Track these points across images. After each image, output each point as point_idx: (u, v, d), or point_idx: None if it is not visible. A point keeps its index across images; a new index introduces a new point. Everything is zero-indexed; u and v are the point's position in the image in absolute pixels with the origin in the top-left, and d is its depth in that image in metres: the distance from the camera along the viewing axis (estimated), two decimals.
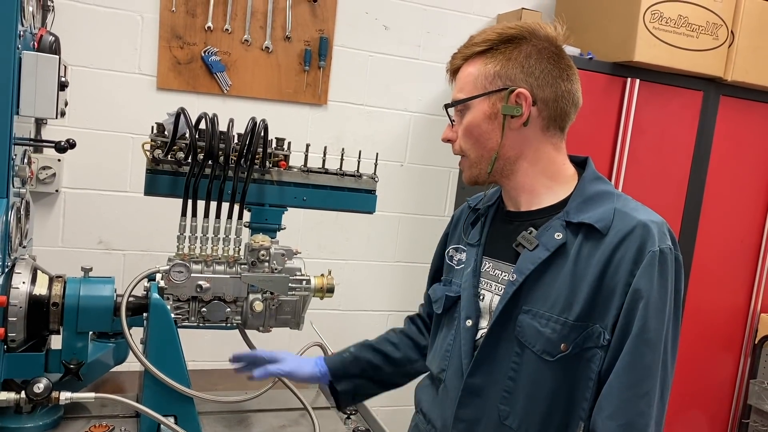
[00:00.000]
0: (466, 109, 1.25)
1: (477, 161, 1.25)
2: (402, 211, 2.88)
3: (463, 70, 1.26)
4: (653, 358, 1.10)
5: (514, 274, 1.20)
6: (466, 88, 1.24)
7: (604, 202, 1.19)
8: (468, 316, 1.26)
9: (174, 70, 2.47)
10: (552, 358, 1.15)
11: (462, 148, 1.27)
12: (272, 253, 1.53)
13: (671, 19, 2.45)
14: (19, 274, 1.37)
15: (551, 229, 1.19)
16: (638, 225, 1.13)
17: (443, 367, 1.31)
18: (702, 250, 2.70)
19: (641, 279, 1.10)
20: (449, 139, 1.30)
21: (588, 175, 1.25)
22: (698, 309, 2.71)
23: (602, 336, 1.12)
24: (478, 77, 1.22)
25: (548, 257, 1.17)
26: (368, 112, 2.76)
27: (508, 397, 1.19)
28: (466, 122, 1.25)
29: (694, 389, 2.82)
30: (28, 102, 1.29)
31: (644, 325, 1.09)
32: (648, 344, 1.09)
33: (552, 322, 1.15)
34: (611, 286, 1.12)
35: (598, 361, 1.13)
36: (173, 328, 1.44)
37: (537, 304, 1.17)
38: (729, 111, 2.68)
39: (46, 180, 2.35)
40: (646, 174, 2.57)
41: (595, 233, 1.15)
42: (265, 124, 1.52)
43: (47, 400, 1.36)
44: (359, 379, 1.52)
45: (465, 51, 1.26)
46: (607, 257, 1.13)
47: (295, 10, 2.57)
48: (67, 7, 2.32)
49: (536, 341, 1.16)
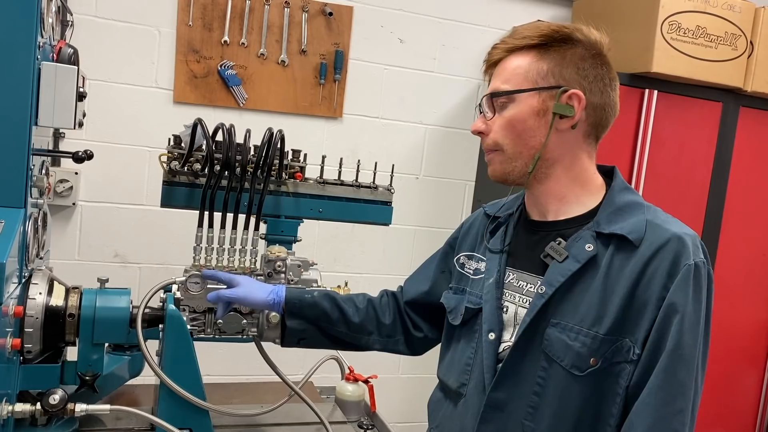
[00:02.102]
0: (510, 101, 1.19)
1: (513, 157, 1.20)
2: (417, 224, 2.86)
3: (510, 62, 1.20)
4: (687, 375, 1.07)
5: (543, 286, 1.16)
6: (513, 80, 1.19)
7: (635, 213, 1.17)
8: (491, 329, 1.22)
9: (190, 84, 2.48)
10: (581, 373, 1.11)
11: (498, 142, 1.21)
12: (288, 264, 1.52)
13: (689, 30, 2.43)
14: (36, 285, 1.36)
15: (581, 240, 1.16)
16: (672, 237, 1.10)
17: (463, 381, 1.27)
18: (723, 263, 2.66)
19: (676, 293, 1.07)
20: (480, 131, 1.23)
21: (617, 185, 1.23)
22: (720, 324, 2.64)
23: (632, 350, 1.09)
24: (529, 71, 1.18)
25: (578, 269, 1.14)
26: (383, 125, 2.76)
27: (533, 413, 1.15)
28: (509, 115, 1.19)
29: (717, 406, 2.76)
30: (46, 112, 1.29)
31: (679, 341, 1.06)
32: (682, 360, 1.06)
33: (582, 336, 1.11)
34: (643, 299, 1.09)
35: (626, 376, 1.10)
36: (189, 339, 1.43)
37: (566, 317, 1.14)
38: (749, 122, 2.65)
39: (63, 193, 2.37)
40: (665, 187, 2.54)
41: (626, 245, 1.13)
42: (281, 135, 1.51)
43: (63, 411, 1.35)
44: (310, 325, 1.44)
45: (513, 42, 1.20)
46: (640, 270, 1.10)
47: (311, 24, 2.58)
48: (86, 22, 2.34)
49: (565, 355, 1.12)
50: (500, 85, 1.20)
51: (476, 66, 2.86)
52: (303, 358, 2.11)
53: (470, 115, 2.84)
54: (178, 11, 2.44)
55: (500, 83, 1.20)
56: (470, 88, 2.84)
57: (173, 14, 2.45)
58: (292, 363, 1.76)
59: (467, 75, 2.83)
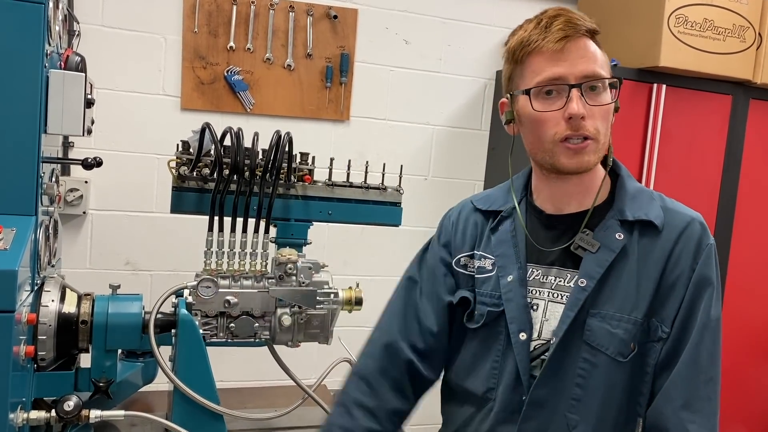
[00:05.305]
0: (604, 88, 1.14)
1: (602, 148, 1.17)
2: (427, 226, 2.83)
3: (590, 45, 1.14)
4: (714, 345, 1.13)
5: (583, 279, 1.16)
6: (605, 68, 1.15)
7: (647, 199, 1.21)
8: (521, 329, 1.19)
9: (197, 90, 2.49)
10: (625, 359, 1.14)
11: (599, 130, 1.13)
12: (299, 267, 1.52)
13: (696, 23, 2.41)
14: (48, 293, 1.37)
15: (609, 230, 1.17)
16: (692, 221, 1.17)
17: (491, 386, 1.22)
18: (737, 257, 2.63)
19: (703, 269, 1.14)
20: (582, 115, 1.11)
21: (624, 173, 1.25)
22: (734, 319, 2.63)
23: (659, 329, 1.14)
24: (605, 60, 1.16)
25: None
26: (391, 127, 2.75)
27: (576, 405, 1.15)
28: (606, 103, 1.14)
29: (735, 403, 2.73)
30: (55, 120, 1.30)
31: (708, 314, 1.12)
32: (712, 332, 1.13)
33: (624, 323, 1.14)
34: (671, 280, 1.14)
35: (655, 355, 1.14)
36: (202, 343, 1.43)
37: (605, 306, 1.15)
38: (759, 114, 2.62)
39: (73, 202, 2.37)
40: (676, 181, 2.52)
41: (650, 230, 1.17)
42: (289, 137, 1.51)
43: (77, 418, 1.35)
44: None
45: (588, 24, 1.13)
46: (668, 252, 1.15)
47: (316, 28, 2.58)
48: (93, 31, 2.35)
49: (609, 344, 1.14)
50: (599, 70, 1.13)
51: (482, 65, 2.86)
52: (316, 361, 2.11)
53: (478, 115, 2.83)
54: (183, 18, 2.45)
55: (597, 67, 1.13)
56: (477, 88, 2.83)
57: (179, 21, 2.46)
58: (305, 366, 1.76)
59: (474, 75, 2.82)
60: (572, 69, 1.12)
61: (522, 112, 1.18)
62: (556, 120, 1.13)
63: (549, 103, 1.13)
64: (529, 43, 1.14)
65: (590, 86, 1.12)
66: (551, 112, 1.13)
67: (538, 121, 1.15)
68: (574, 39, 1.12)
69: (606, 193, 1.22)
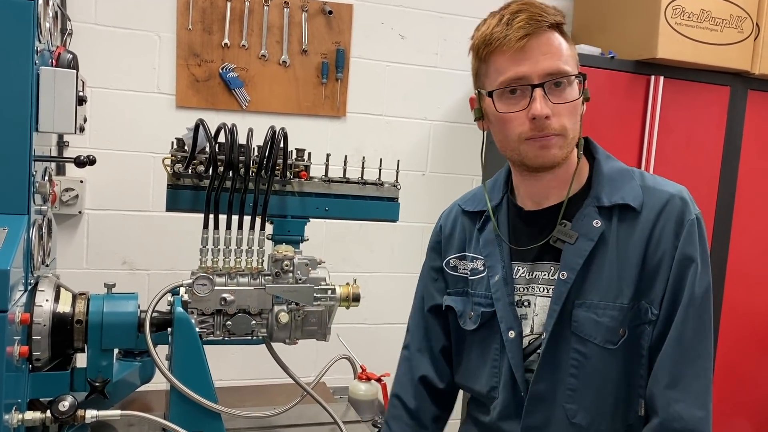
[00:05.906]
0: (569, 84, 1.13)
1: (571, 142, 1.16)
2: (425, 221, 2.83)
3: (555, 39, 1.12)
4: (702, 322, 1.12)
5: (564, 272, 1.16)
6: (570, 63, 1.13)
7: (626, 180, 1.19)
8: (510, 327, 1.21)
9: (192, 88, 2.47)
10: (614, 346, 1.14)
11: (566, 126, 1.13)
12: (296, 263, 1.51)
13: (694, 14, 2.40)
14: (42, 292, 1.35)
15: (587, 218, 1.17)
16: (671, 198, 1.15)
17: (493, 384, 1.26)
18: (736, 249, 2.62)
19: (686, 247, 1.12)
20: (546, 115, 1.10)
21: (602, 156, 1.24)
22: (735, 310, 2.62)
23: (649, 311, 1.13)
24: (571, 54, 1.15)
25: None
26: (387, 122, 2.74)
27: (573, 395, 1.16)
28: (572, 98, 1.13)
29: (736, 395, 2.72)
30: (47, 117, 1.28)
31: (694, 291, 1.11)
32: (699, 308, 1.11)
33: (609, 310, 1.14)
34: (654, 261, 1.13)
35: (647, 337, 1.14)
36: (198, 341, 1.41)
37: (589, 296, 1.15)
38: (758, 105, 2.62)
39: (69, 202, 2.36)
40: (675, 173, 2.46)
41: (628, 212, 1.15)
42: (284, 132, 1.50)
43: (73, 418, 1.34)
44: None
45: (550, 18, 1.12)
46: (648, 234, 1.14)
47: (311, 24, 2.57)
48: (86, 30, 2.34)
49: (596, 332, 1.14)
50: (563, 66, 1.12)
51: None
52: (315, 359, 2.10)
53: None
54: (177, 15, 2.44)
55: (561, 64, 1.12)
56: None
57: (172, 19, 2.44)
58: (303, 364, 1.75)
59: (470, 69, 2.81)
60: (535, 67, 1.10)
61: (488, 111, 1.19)
62: (521, 120, 1.12)
63: (513, 103, 1.13)
64: (491, 41, 1.13)
65: (554, 83, 1.11)
66: (515, 113, 1.12)
67: (502, 121, 1.15)
68: (537, 35, 1.11)
69: (584, 178, 1.21)
